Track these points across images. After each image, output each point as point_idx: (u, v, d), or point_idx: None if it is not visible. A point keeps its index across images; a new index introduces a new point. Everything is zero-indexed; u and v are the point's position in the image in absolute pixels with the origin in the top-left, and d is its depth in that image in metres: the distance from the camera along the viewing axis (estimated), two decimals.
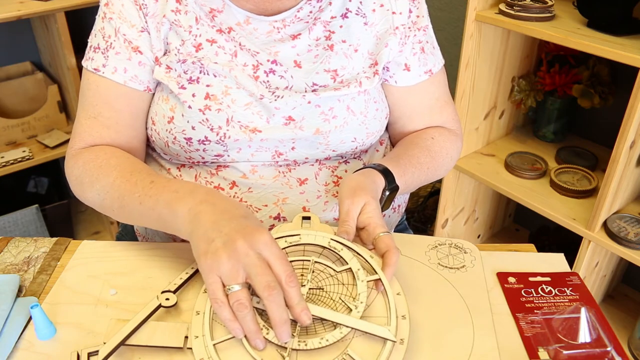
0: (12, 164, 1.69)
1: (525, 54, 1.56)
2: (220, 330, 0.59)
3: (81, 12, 1.75)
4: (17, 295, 0.67)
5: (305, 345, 0.57)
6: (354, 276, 0.64)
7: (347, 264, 0.65)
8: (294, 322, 0.59)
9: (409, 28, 0.82)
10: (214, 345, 0.57)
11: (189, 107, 0.76)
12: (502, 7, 1.32)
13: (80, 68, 1.47)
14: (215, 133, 0.76)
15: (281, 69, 0.78)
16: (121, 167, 0.74)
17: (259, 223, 0.64)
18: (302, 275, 0.64)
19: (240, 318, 0.57)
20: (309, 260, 0.66)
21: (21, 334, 0.62)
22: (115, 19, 0.77)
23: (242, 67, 0.77)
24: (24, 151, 1.74)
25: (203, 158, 0.80)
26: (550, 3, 1.29)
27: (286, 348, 0.57)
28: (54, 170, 2.02)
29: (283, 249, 0.65)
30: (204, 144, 0.77)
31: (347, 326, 0.59)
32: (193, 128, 0.77)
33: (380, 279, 0.64)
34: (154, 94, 0.81)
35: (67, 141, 1.75)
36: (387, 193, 0.76)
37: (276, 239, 0.66)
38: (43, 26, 1.78)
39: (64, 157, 1.68)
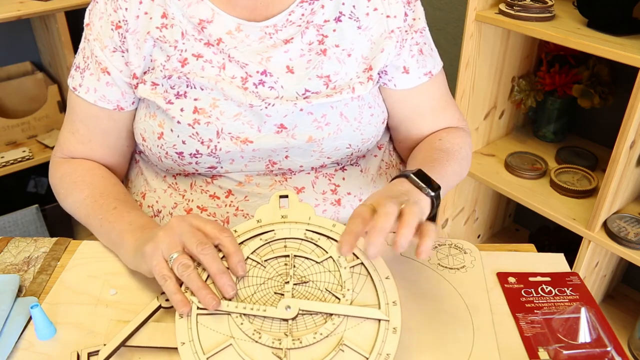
0: (12, 164, 1.69)
1: (525, 54, 1.56)
2: (208, 336, 0.58)
3: (81, 12, 1.73)
4: (17, 295, 0.67)
5: (300, 342, 0.57)
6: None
7: (327, 252, 0.64)
8: (285, 320, 0.58)
9: (406, 31, 0.81)
10: (207, 358, 0.56)
11: (178, 122, 0.76)
12: (502, 7, 1.32)
13: None
14: (206, 146, 0.76)
15: (271, 80, 0.76)
16: (93, 186, 0.80)
17: None
18: (286, 273, 0.63)
19: (186, 279, 0.60)
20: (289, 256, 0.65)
21: (21, 334, 0.62)
22: (91, 41, 0.79)
23: (230, 80, 0.76)
24: (24, 151, 1.74)
25: (197, 170, 0.80)
26: (550, 3, 1.29)
27: (282, 349, 0.56)
28: None
29: (260, 247, 0.65)
30: (196, 157, 0.77)
31: (337, 314, 0.58)
32: (184, 142, 0.77)
33: (362, 263, 0.63)
34: (135, 110, 0.83)
35: None
36: (432, 193, 0.67)
37: (249, 238, 0.66)
38: (43, 26, 1.78)
39: None
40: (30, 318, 0.63)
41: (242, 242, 0.65)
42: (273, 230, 0.66)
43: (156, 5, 0.77)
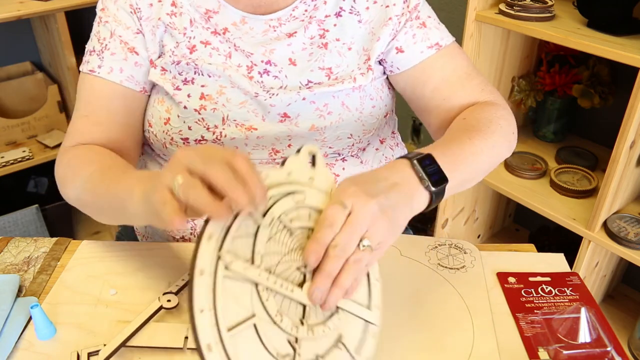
0: (12, 164, 1.69)
1: (525, 54, 1.56)
2: (229, 309, 0.50)
3: (81, 12, 1.75)
4: (17, 295, 0.67)
5: (312, 334, 0.55)
6: None
7: None
8: (302, 305, 0.55)
9: (402, 14, 0.80)
10: (228, 330, 0.49)
11: (185, 107, 0.76)
12: (502, 7, 1.32)
13: None
14: (211, 132, 0.77)
15: (275, 69, 0.78)
16: (102, 162, 0.72)
17: None
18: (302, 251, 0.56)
19: (192, 199, 0.49)
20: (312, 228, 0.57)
21: (21, 334, 0.62)
22: (110, 22, 0.78)
23: (236, 68, 0.77)
24: (24, 151, 1.74)
25: None
26: (550, 3, 1.29)
27: (295, 337, 0.54)
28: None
29: (290, 208, 0.57)
30: (201, 144, 0.78)
31: (343, 310, 0.57)
32: (189, 128, 0.77)
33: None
34: (149, 96, 0.82)
35: None
36: (433, 188, 0.59)
37: (283, 196, 0.56)
38: (43, 26, 1.78)
39: None
40: (30, 318, 0.63)
41: (274, 203, 0.56)
42: (304, 191, 0.58)
43: None
